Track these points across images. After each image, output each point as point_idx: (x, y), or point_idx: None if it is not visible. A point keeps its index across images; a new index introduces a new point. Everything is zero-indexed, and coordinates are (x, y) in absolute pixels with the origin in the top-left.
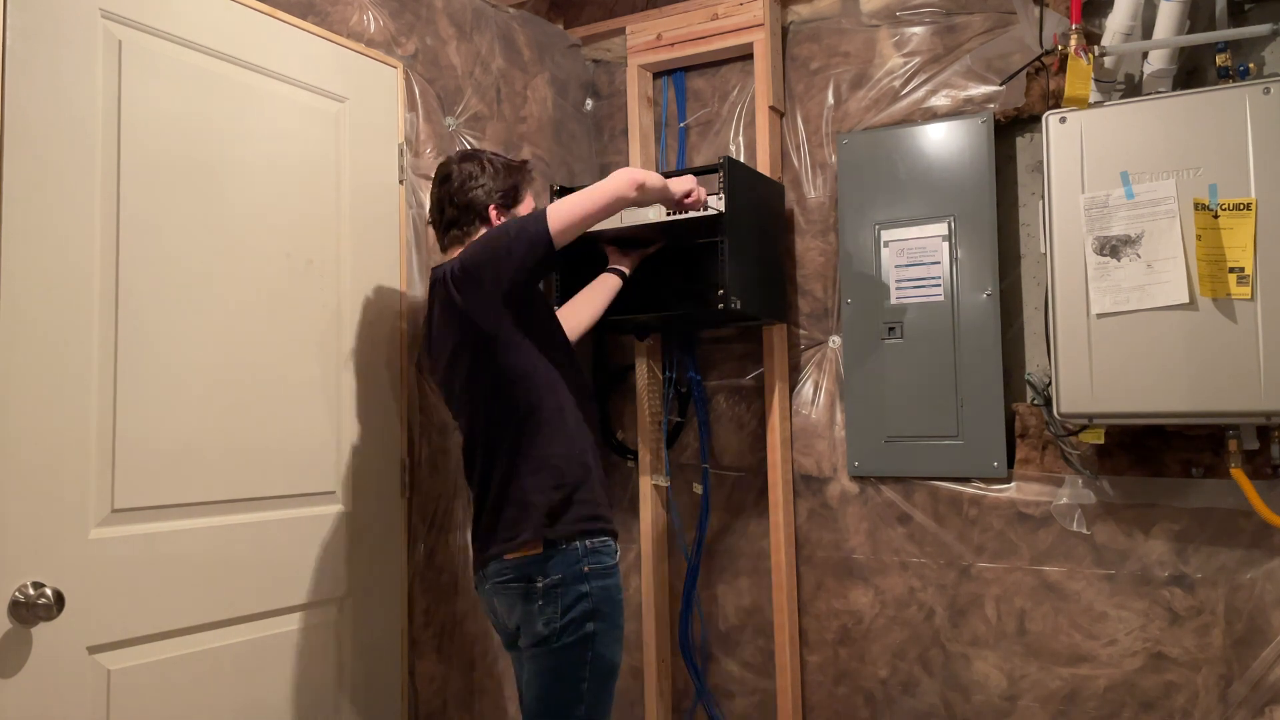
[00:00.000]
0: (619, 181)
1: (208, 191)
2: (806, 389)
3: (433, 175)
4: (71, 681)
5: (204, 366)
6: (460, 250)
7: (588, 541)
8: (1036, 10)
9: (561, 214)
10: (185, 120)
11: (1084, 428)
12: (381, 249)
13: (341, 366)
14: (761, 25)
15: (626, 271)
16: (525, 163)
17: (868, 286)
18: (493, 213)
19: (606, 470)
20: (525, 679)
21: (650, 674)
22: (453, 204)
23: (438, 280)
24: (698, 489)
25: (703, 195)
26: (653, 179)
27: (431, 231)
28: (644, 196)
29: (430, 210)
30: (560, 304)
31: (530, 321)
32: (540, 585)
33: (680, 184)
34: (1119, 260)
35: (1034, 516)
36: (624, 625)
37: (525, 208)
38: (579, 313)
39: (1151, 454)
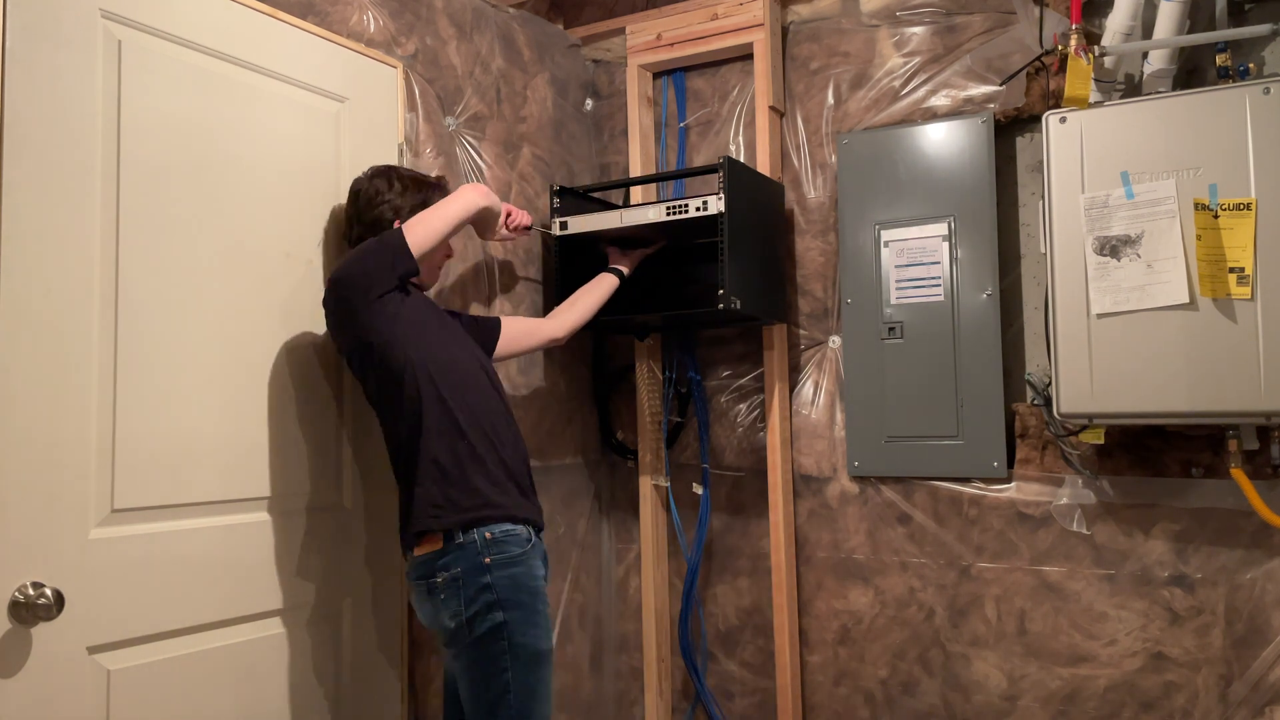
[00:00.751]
0: (461, 197)
1: (207, 191)
2: (806, 389)
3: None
4: (71, 681)
5: (204, 366)
6: None
7: (485, 532)
8: (1036, 10)
9: (415, 227)
10: (185, 120)
11: (1084, 428)
12: None
13: (341, 366)
14: (761, 25)
15: (625, 271)
16: (440, 178)
17: (868, 286)
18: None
19: (609, 470)
20: (457, 677)
21: (650, 674)
22: (360, 221)
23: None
24: (698, 489)
25: (522, 220)
26: (494, 199)
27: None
28: (486, 216)
29: (342, 227)
30: (559, 302)
31: (401, 323)
32: (440, 580)
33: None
34: (1119, 260)
35: (1034, 516)
36: (545, 610)
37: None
38: (571, 309)
39: (1151, 454)
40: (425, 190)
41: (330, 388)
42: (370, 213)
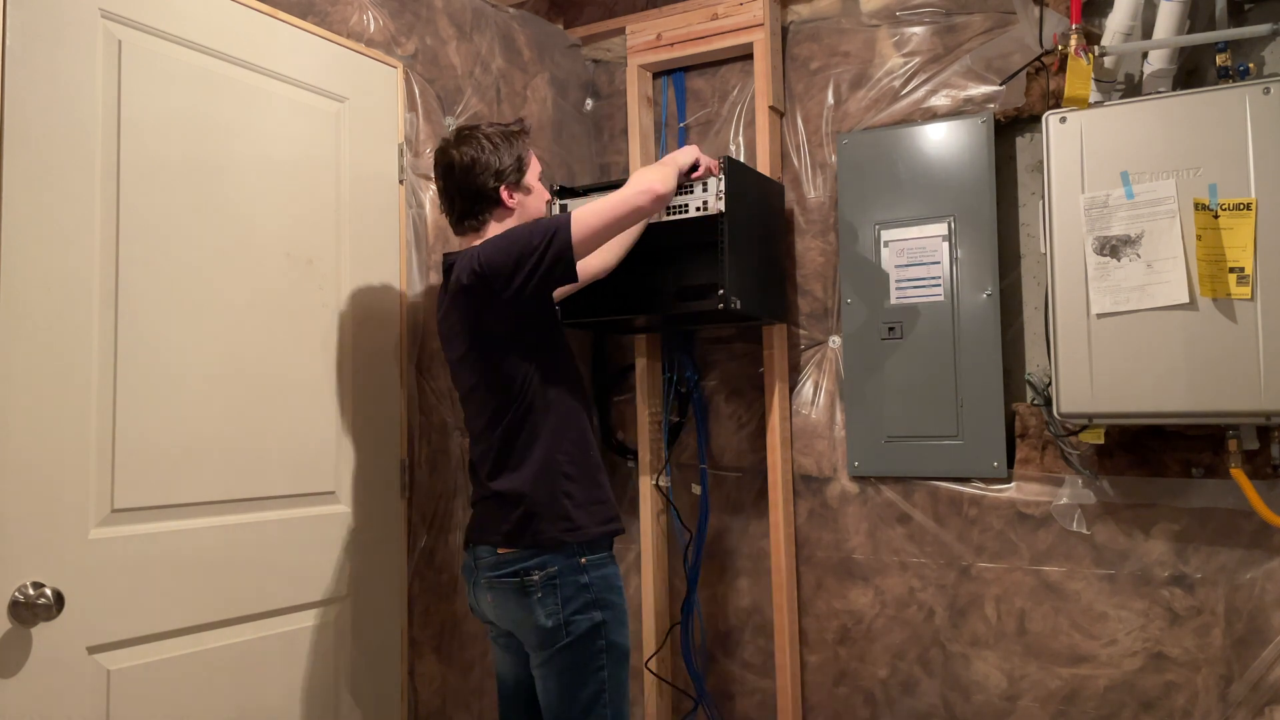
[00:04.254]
0: (635, 190)
1: (208, 191)
2: (806, 389)
3: (437, 159)
4: (71, 681)
5: (204, 366)
6: (476, 238)
7: (588, 537)
8: (1036, 10)
9: (584, 224)
10: (185, 120)
11: (1084, 428)
12: (381, 249)
13: (341, 366)
14: (761, 25)
15: None
16: (521, 122)
17: (868, 286)
18: (504, 194)
19: (607, 469)
20: (540, 684)
21: (650, 674)
22: (462, 195)
23: (453, 270)
24: (696, 490)
25: (710, 165)
26: (668, 183)
27: (442, 220)
28: (661, 204)
29: (440, 202)
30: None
31: (539, 327)
32: (536, 579)
33: (686, 156)
34: (1119, 260)
35: (1034, 516)
36: (627, 610)
37: (533, 173)
38: (601, 256)
39: (1151, 454)
40: (515, 142)
41: (330, 387)
42: (471, 185)
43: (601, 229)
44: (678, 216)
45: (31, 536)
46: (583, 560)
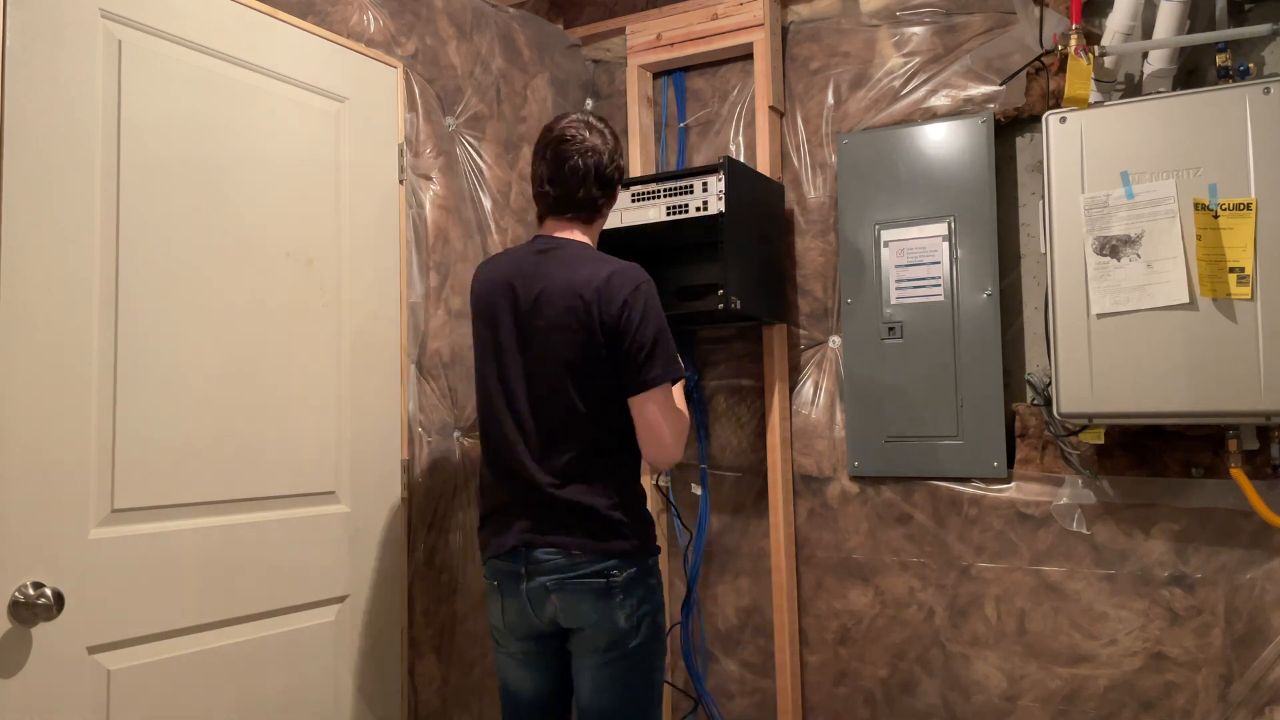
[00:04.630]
0: (676, 444)
1: (208, 191)
2: (806, 389)
3: (556, 134)
4: (71, 681)
5: (204, 366)
6: (578, 229)
7: (653, 550)
8: (1036, 10)
9: (679, 403)
10: (185, 120)
11: (1084, 428)
12: (382, 249)
13: (341, 366)
14: (761, 25)
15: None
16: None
17: (868, 286)
18: (617, 191)
19: None
20: (592, 684)
21: None
22: (599, 182)
23: (573, 267)
24: (696, 490)
25: None
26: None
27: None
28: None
29: (556, 178)
30: None
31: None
32: (620, 580)
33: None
34: (1119, 260)
35: (1034, 516)
36: None
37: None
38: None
39: (1151, 454)
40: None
41: (330, 387)
42: (607, 171)
43: (673, 413)
44: (678, 217)
45: (31, 536)
46: (650, 562)
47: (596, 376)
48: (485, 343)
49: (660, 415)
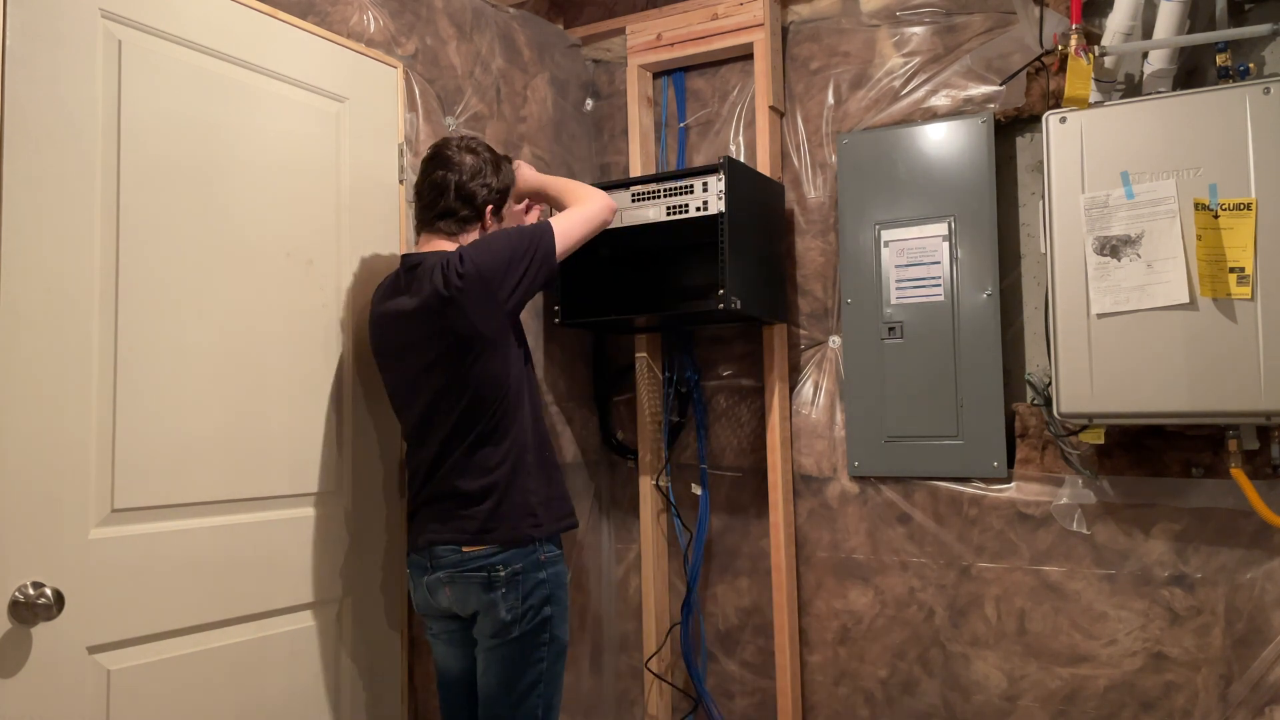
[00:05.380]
0: (602, 205)
1: (208, 191)
2: (806, 389)
3: (428, 153)
4: (71, 681)
5: (204, 366)
6: (442, 241)
7: (548, 533)
8: (1036, 10)
9: (566, 235)
10: (185, 120)
11: (1084, 428)
12: (382, 249)
13: (341, 366)
14: (761, 25)
15: None
16: (509, 158)
17: (868, 286)
18: (488, 213)
19: (609, 470)
20: (482, 665)
21: (650, 674)
22: (459, 195)
23: (421, 273)
24: (696, 490)
25: None
26: (603, 194)
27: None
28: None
29: (421, 191)
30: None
31: (515, 331)
32: (502, 574)
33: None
34: (1119, 260)
35: (1034, 516)
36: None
37: (508, 209)
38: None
39: (1151, 454)
40: (508, 176)
41: (330, 387)
42: (469, 190)
43: (578, 240)
44: (678, 217)
45: (31, 536)
46: (542, 557)
47: (472, 350)
48: (389, 384)
49: (568, 221)
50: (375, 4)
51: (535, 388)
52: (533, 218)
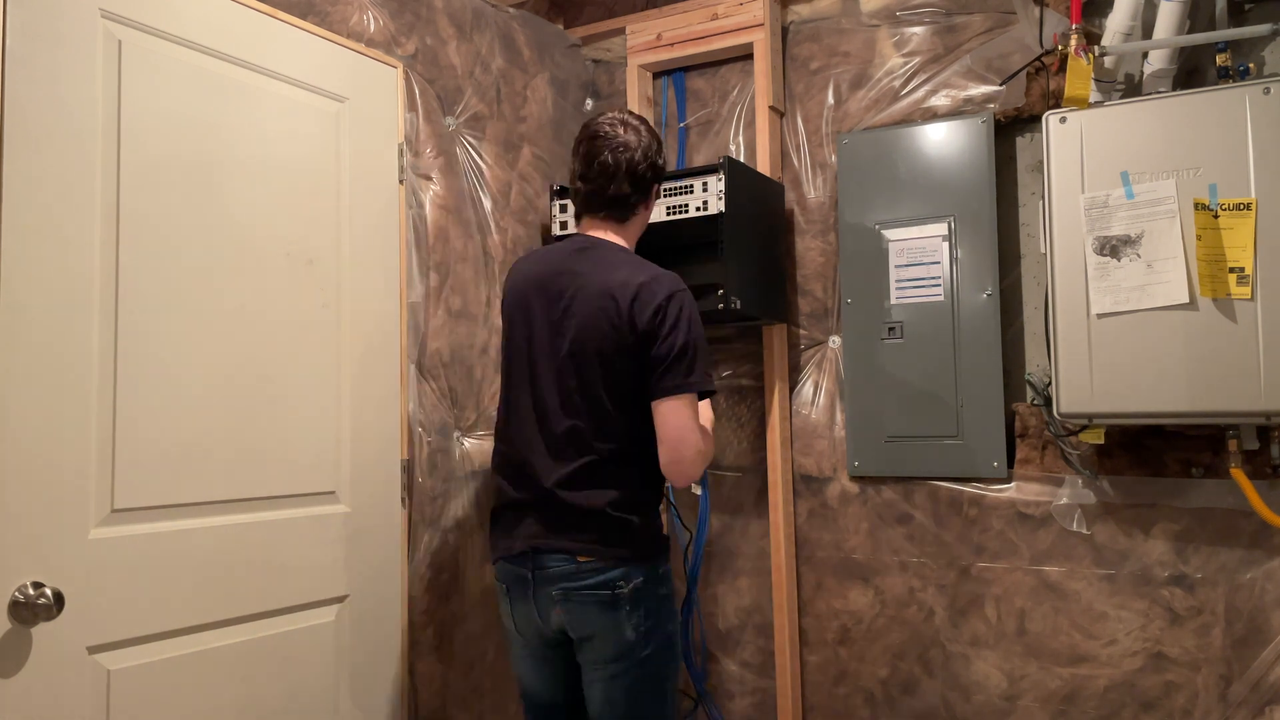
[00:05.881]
0: (700, 458)
1: (208, 191)
2: (806, 389)
3: (591, 131)
4: (71, 681)
5: (204, 366)
6: (611, 229)
7: (665, 556)
8: (1036, 10)
9: (703, 415)
10: (185, 120)
11: (1084, 428)
12: (382, 249)
13: (341, 366)
14: (761, 25)
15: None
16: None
17: (868, 286)
18: (654, 193)
19: None
20: (605, 694)
21: None
22: (631, 178)
23: (610, 270)
24: (696, 490)
25: None
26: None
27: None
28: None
29: (588, 173)
30: None
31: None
32: (626, 591)
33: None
34: (1119, 260)
35: (1034, 516)
36: None
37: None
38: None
39: (1151, 454)
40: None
41: (330, 388)
42: (642, 169)
43: (703, 445)
44: (678, 217)
45: (31, 536)
46: (661, 571)
47: (625, 380)
48: (516, 339)
49: (681, 424)
50: (375, 4)
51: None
52: None
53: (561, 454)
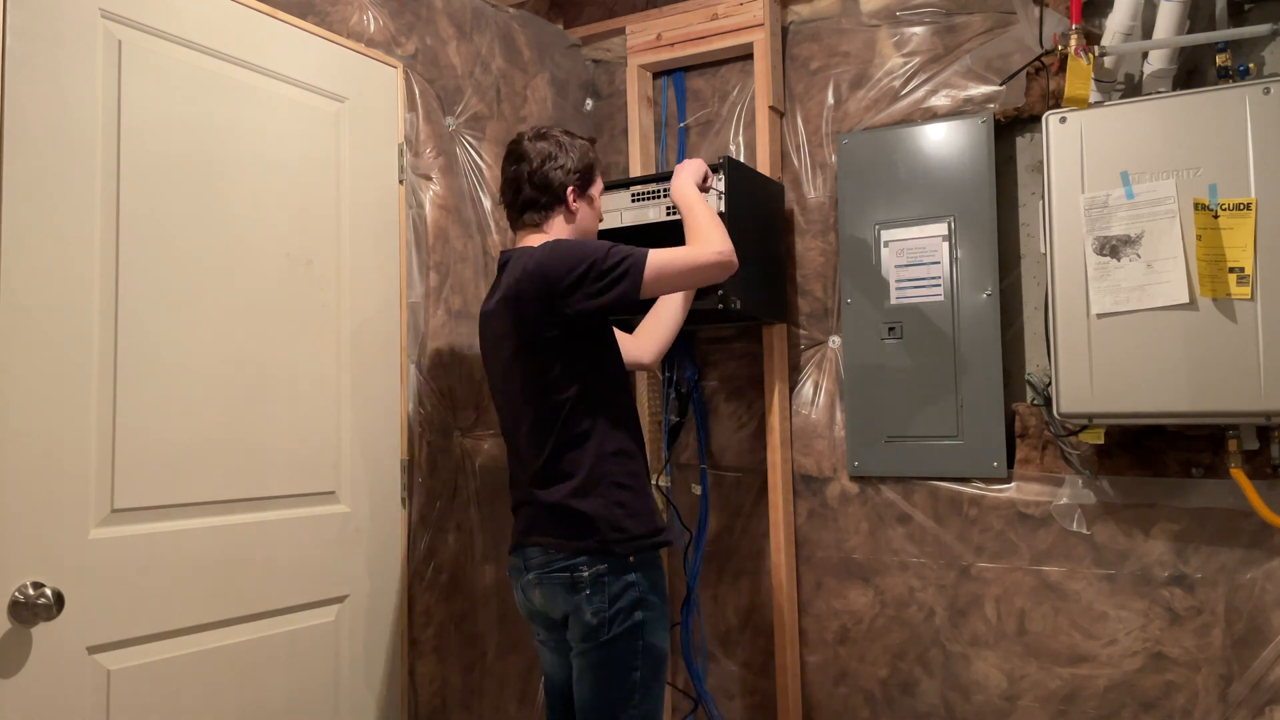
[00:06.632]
0: (713, 256)
1: (208, 191)
2: (806, 389)
3: (507, 150)
4: (71, 681)
5: (204, 366)
6: (534, 235)
7: (639, 548)
8: (1036, 10)
9: (659, 267)
10: (185, 120)
11: (1084, 428)
12: (381, 249)
13: (341, 366)
14: (761, 25)
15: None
16: (593, 140)
17: (868, 286)
18: (570, 195)
19: None
20: (576, 673)
21: None
22: (531, 184)
23: (508, 268)
24: (696, 490)
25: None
26: (727, 244)
27: (497, 213)
28: (727, 274)
29: (503, 189)
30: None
31: (590, 338)
32: (586, 575)
33: (697, 172)
34: (1119, 260)
35: (1034, 516)
36: (669, 614)
37: (597, 188)
38: (651, 335)
39: (1151, 454)
40: (588, 154)
41: (330, 387)
42: (543, 176)
43: (674, 277)
44: (678, 217)
45: (31, 536)
46: (631, 559)
47: (551, 367)
48: (483, 351)
49: (661, 262)
50: (375, 4)
51: (628, 397)
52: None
53: (527, 456)
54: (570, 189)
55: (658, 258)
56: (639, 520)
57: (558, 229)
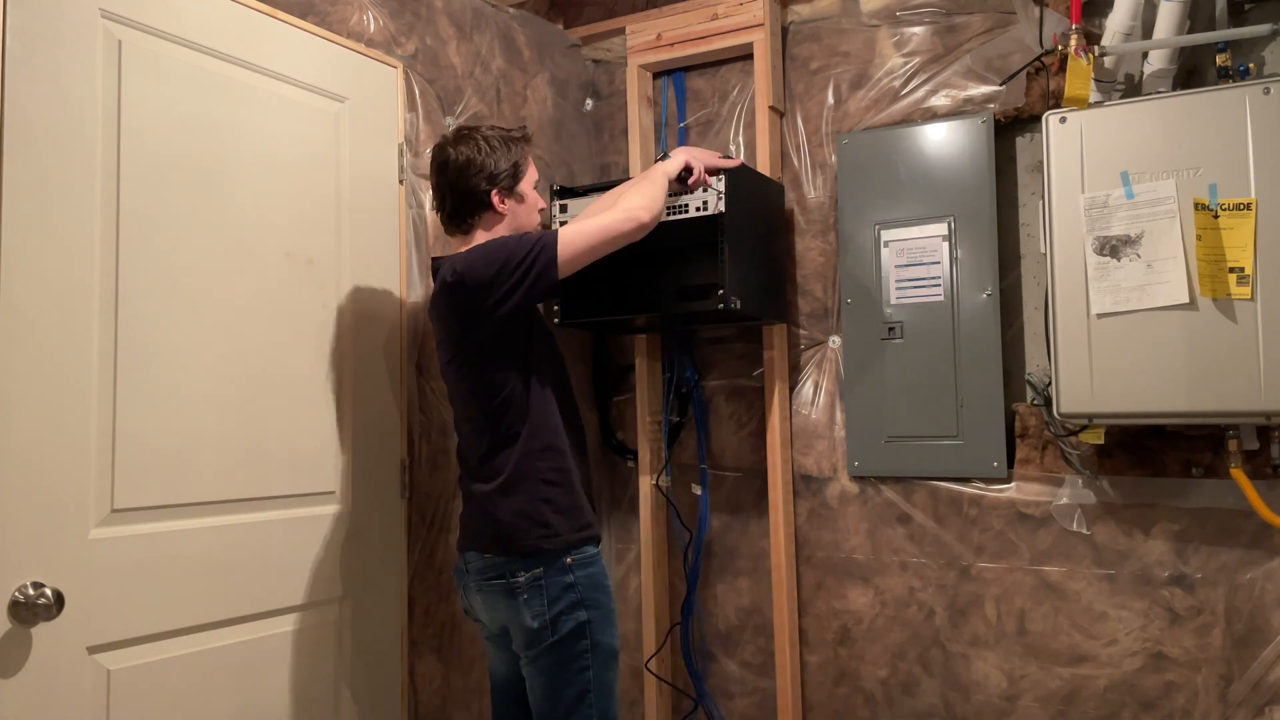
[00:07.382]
0: (618, 218)
1: (208, 191)
2: (806, 389)
3: (432, 157)
4: (71, 681)
5: (204, 366)
6: (464, 242)
7: (566, 543)
8: (1036, 10)
9: (571, 245)
10: (185, 120)
11: (1084, 428)
12: (381, 249)
13: (341, 366)
14: (761, 25)
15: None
16: (524, 129)
17: (868, 286)
18: (495, 198)
19: (607, 469)
20: (529, 683)
21: (650, 674)
22: (454, 194)
23: (439, 274)
24: (696, 490)
25: (704, 177)
26: (656, 208)
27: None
28: (645, 231)
29: (432, 198)
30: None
31: (520, 336)
32: (522, 580)
33: (675, 164)
34: (1119, 260)
35: (1034, 516)
36: (616, 610)
37: (529, 181)
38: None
39: (1151, 454)
40: (514, 148)
41: (330, 387)
42: (464, 184)
43: (587, 251)
44: (678, 217)
45: (31, 536)
46: (568, 560)
47: (472, 355)
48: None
49: (578, 228)
50: (375, 4)
51: (564, 393)
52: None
53: (468, 454)
54: (495, 192)
55: (567, 232)
56: (567, 517)
57: (491, 230)
